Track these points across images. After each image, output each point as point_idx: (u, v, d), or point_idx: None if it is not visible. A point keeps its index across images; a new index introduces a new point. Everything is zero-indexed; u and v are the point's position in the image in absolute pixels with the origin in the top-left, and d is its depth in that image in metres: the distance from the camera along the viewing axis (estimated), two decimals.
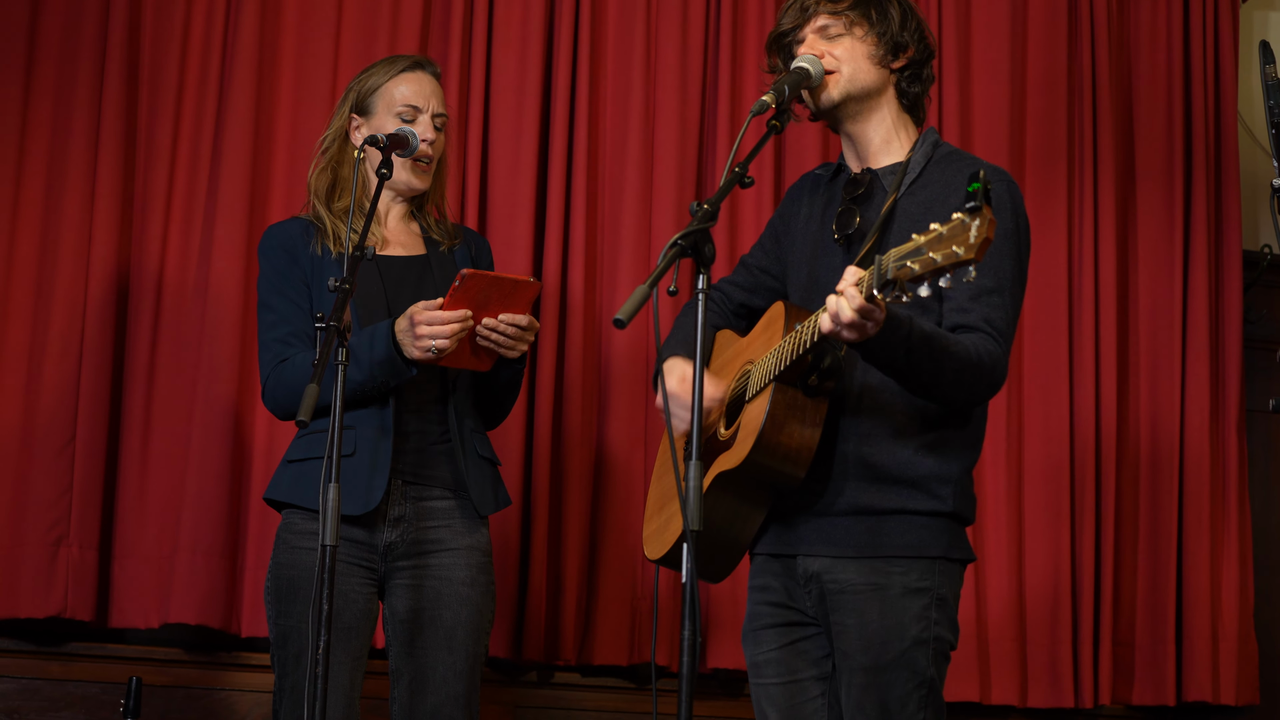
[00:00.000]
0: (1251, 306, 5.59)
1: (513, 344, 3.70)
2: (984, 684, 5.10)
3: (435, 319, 3.59)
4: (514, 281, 3.61)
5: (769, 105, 3.22)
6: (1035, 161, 5.39)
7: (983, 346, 3.17)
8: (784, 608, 3.37)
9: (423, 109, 3.92)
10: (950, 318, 3.24)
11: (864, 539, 3.24)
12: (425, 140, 3.89)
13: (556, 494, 4.92)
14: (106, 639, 4.74)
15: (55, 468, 4.66)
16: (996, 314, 3.22)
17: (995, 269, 3.24)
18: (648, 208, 5.09)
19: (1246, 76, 5.75)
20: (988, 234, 2.66)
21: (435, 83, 3.99)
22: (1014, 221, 3.30)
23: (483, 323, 3.65)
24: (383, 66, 3.98)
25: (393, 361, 3.66)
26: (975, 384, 3.19)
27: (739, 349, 3.45)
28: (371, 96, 3.93)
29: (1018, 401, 5.26)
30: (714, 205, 3.01)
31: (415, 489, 3.81)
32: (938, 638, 3.25)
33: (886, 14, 3.38)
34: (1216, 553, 5.32)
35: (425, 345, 3.60)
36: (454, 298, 3.59)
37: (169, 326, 4.77)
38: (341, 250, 3.83)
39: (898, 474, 3.24)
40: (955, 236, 2.69)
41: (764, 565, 3.41)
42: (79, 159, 4.79)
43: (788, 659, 3.36)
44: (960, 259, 2.68)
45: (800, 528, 3.30)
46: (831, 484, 3.26)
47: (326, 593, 3.27)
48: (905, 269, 2.76)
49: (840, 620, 3.24)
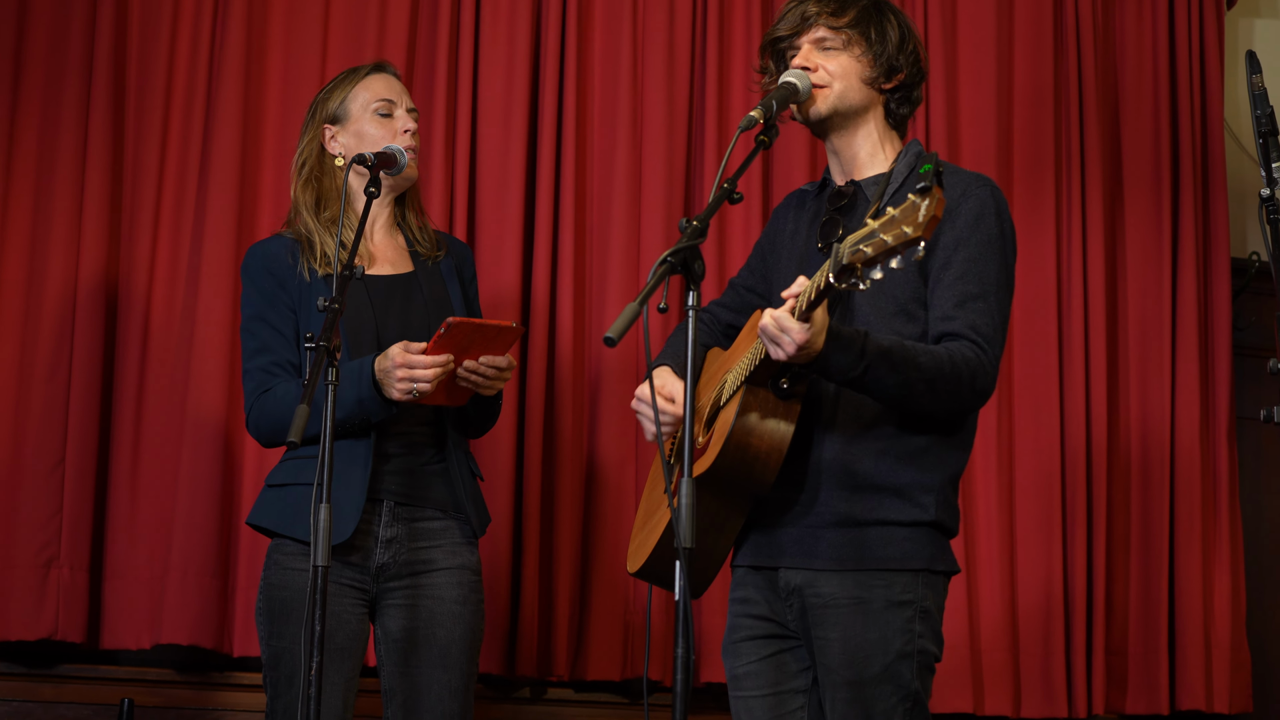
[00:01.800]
0: (1240, 314, 5.60)
1: (490, 384, 3.73)
2: (977, 694, 5.10)
3: (417, 363, 3.62)
4: (498, 328, 3.64)
5: (757, 121, 3.23)
6: (1023, 170, 5.40)
7: (960, 354, 3.17)
8: (765, 620, 3.36)
9: (397, 103, 3.97)
10: (936, 326, 3.24)
11: (846, 551, 3.23)
12: (407, 130, 3.94)
13: (548, 509, 4.92)
14: (98, 660, 4.73)
15: (45, 489, 4.64)
16: (982, 320, 3.22)
17: (980, 275, 3.24)
18: (636, 223, 5.09)
19: (1232, 84, 5.76)
20: (936, 212, 2.69)
21: (400, 82, 4.05)
22: (998, 227, 3.30)
23: (463, 364, 3.68)
24: (344, 77, 4.03)
25: (374, 400, 3.68)
26: (956, 393, 3.18)
27: (722, 361, 3.45)
28: (343, 104, 3.96)
29: (1008, 411, 5.26)
30: (703, 221, 3.01)
31: (407, 510, 3.81)
32: (922, 651, 3.24)
33: (885, 35, 3.38)
34: (1208, 561, 5.33)
35: (405, 388, 3.64)
36: (438, 343, 3.62)
37: (158, 346, 4.76)
38: (329, 271, 3.83)
39: (879, 482, 3.23)
40: (906, 217, 2.72)
41: (745, 577, 3.40)
42: (66, 177, 4.78)
43: (769, 671, 3.36)
44: (909, 237, 2.71)
45: (780, 539, 3.30)
46: (809, 492, 3.26)
47: (320, 614, 3.27)
48: (859, 253, 2.78)
49: (823, 634, 3.24)
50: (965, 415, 3.30)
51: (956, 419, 3.29)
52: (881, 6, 3.42)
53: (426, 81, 5.04)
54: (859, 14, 3.38)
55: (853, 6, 3.39)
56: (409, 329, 3.83)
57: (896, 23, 3.41)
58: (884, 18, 3.40)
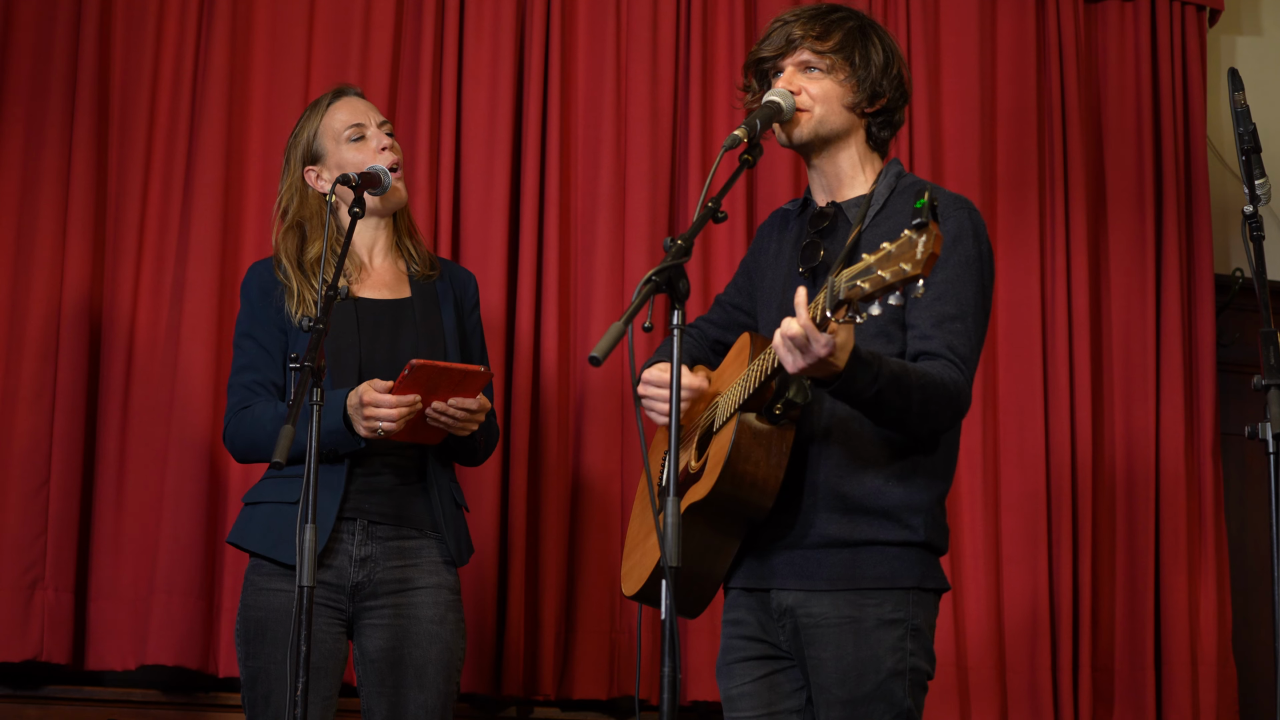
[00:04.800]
0: (1224, 330, 5.62)
1: (460, 425, 3.74)
2: (964, 711, 5.10)
3: (383, 402, 3.64)
4: (463, 372, 3.65)
5: (740, 140, 3.22)
6: (1006, 189, 5.41)
7: (946, 375, 3.18)
8: (758, 641, 3.37)
9: (366, 124, 3.96)
10: (914, 345, 3.24)
11: (836, 571, 3.24)
12: (384, 148, 3.93)
13: (533, 528, 4.92)
14: (83, 681, 4.71)
15: (30, 510, 4.63)
16: (959, 341, 3.22)
17: (958, 296, 3.25)
18: (620, 243, 5.10)
19: (1215, 101, 5.78)
20: (934, 249, 2.67)
21: (364, 100, 4.04)
22: (976, 249, 3.30)
23: (432, 405, 3.69)
24: (309, 113, 4.02)
25: (343, 434, 3.70)
26: (941, 413, 3.19)
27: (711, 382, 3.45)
28: (315, 141, 3.96)
29: (993, 428, 5.27)
30: (687, 241, 3.01)
31: (382, 529, 3.82)
32: (914, 668, 3.24)
33: (869, 60, 3.37)
34: (1194, 577, 5.33)
35: (371, 426, 3.65)
36: (402, 384, 3.63)
37: (142, 366, 4.75)
38: (305, 314, 3.83)
39: (868, 504, 3.24)
40: (903, 254, 2.70)
41: (738, 599, 3.41)
42: (50, 198, 4.77)
43: (762, 692, 3.36)
44: (908, 275, 2.69)
45: (773, 561, 3.30)
46: (803, 515, 3.26)
47: (305, 634, 3.27)
48: (856, 288, 2.76)
49: (816, 654, 3.24)
50: (939, 435, 3.30)
51: (934, 439, 3.29)
52: (867, 30, 3.41)
53: (410, 102, 5.04)
54: (844, 38, 3.38)
55: (838, 30, 3.39)
56: (396, 355, 3.84)
57: (881, 46, 3.40)
58: (868, 42, 3.39)
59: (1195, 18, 5.67)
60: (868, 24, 3.43)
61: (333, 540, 3.76)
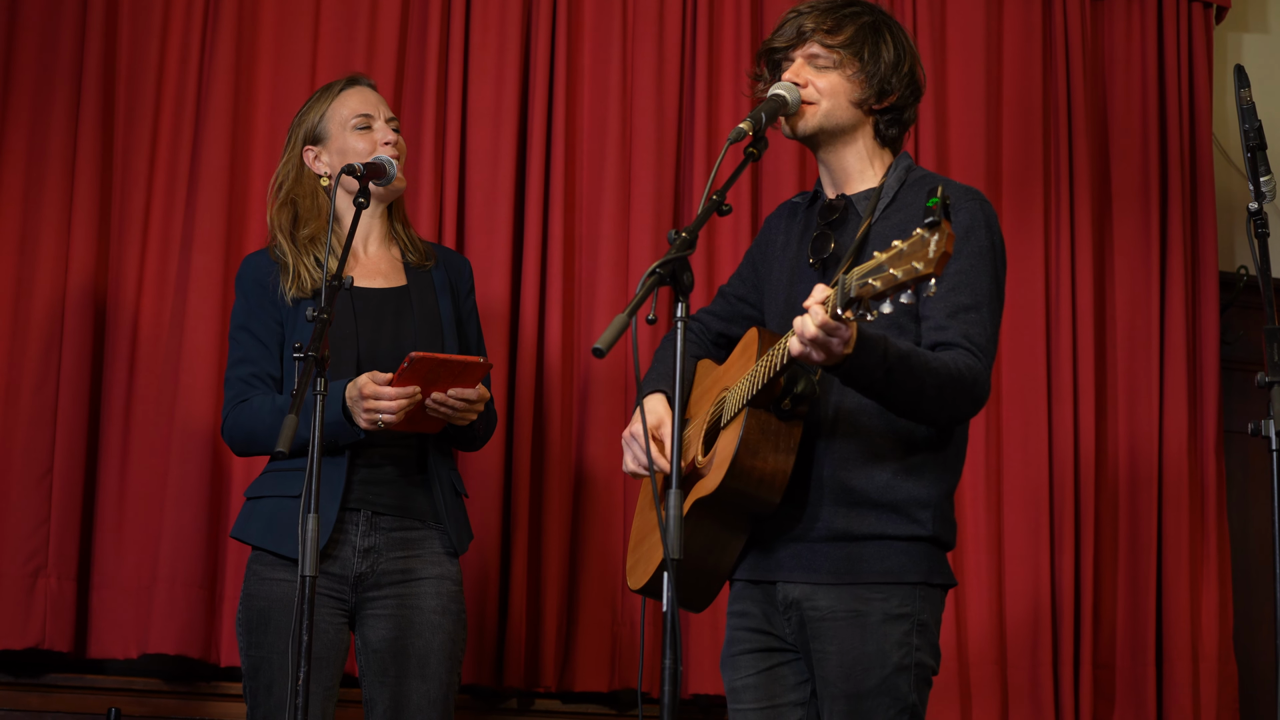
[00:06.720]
0: (1228, 328, 5.61)
1: (460, 415, 3.76)
2: (965, 707, 5.10)
3: (382, 394, 3.65)
4: (463, 363, 3.66)
5: (746, 133, 3.21)
6: (1011, 185, 5.41)
7: (963, 361, 3.16)
8: (762, 633, 3.36)
9: (374, 115, 3.98)
10: (929, 336, 3.22)
11: (842, 565, 3.23)
12: (387, 142, 3.95)
13: (536, 519, 4.92)
14: (85, 670, 4.72)
15: (33, 498, 4.63)
16: (975, 330, 3.21)
17: (972, 286, 3.24)
18: (625, 235, 5.09)
19: (1221, 98, 5.77)
20: (946, 248, 2.66)
21: (375, 93, 4.05)
22: (989, 239, 3.30)
23: (431, 396, 3.70)
24: (319, 96, 4.04)
25: (343, 425, 3.71)
26: (958, 400, 3.17)
27: (716, 376, 3.44)
28: (321, 123, 3.98)
29: (996, 425, 5.27)
30: (692, 233, 3.00)
31: (385, 520, 3.83)
32: (919, 664, 3.24)
33: (879, 56, 3.34)
34: (1196, 574, 5.33)
35: (371, 418, 3.67)
36: (402, 376, 3.64)
37: (146, 355, 4.76)
38: (300, 295, 3.84)
39: (875, 498, 3.23)
40: (915, 252, 2.69)
41: (743, 591, 3.40)
42: (55, 185, 4.77)
43: (766, 684, 3.35)
44: (920, 274, 2.68)
45: (779, 554, 3.30)
46: (809, 509, 3.25)
47: (306, 624, 3.27)
48: (868, 286, 2.76)
49: (821, 647, 3.24)
50: (959, 423, 3.29)
51: (949, 429, 3.28)
52: (879, 26, 3.37)
53: (416, 92, 5.04)
54: (855, 33, 3.35)
55: (850, 25, 3.36)
56: (400, 344, 3.85)
57: (894, 43, 3.36)
58: (880, 38, 3.36)
59: (1202, 14, 5.67)
60: (882, 20, 3.39)
61: (337, 531, 3.76)
